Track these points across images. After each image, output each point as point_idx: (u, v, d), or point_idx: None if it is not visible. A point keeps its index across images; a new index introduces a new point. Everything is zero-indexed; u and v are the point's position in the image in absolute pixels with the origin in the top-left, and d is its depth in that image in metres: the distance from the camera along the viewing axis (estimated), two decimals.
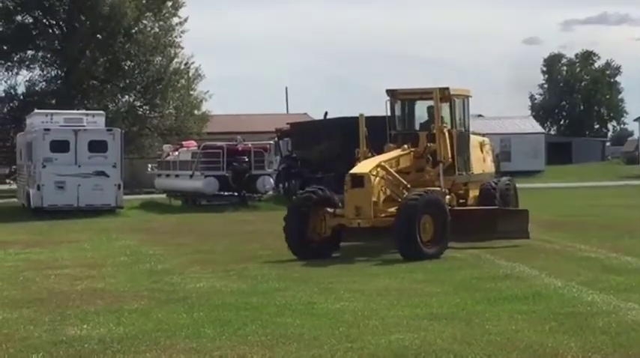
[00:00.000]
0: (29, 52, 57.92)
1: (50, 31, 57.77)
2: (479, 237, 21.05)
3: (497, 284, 15.11)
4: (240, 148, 40.80)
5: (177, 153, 44.36)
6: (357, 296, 14.25)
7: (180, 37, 57.80)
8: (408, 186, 20.40)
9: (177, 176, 42.86)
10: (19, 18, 57.49)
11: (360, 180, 19.66)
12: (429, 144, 21.57)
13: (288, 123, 48.32)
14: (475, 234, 21.04)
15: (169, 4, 57.34)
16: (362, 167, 20.29)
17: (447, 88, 22.18)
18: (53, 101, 52.82)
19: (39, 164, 35.62)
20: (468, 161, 23.05)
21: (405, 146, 21.72)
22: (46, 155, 35.59)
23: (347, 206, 19.70)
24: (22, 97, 56.83)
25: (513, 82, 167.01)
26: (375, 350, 10.41)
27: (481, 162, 24.23)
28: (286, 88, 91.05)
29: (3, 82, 57.41)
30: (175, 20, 57.77)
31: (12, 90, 57.51)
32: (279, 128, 47.99)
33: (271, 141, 44.47)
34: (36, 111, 41.07)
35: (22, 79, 57.81)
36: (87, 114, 39.88)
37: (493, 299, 13.60)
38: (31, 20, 57.83)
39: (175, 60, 57.72)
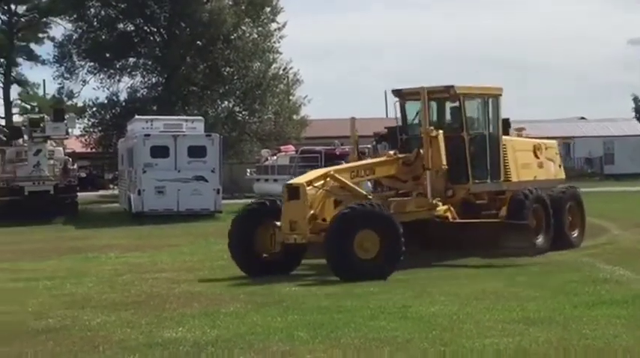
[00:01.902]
0: (131, 60, 58.82)
1: (151, 38, 58.61)
2: (482, 253, 19.35)
3: (597, 288, 14.83)
4: (337, 152, 40.78)
5: (275, 157, 44.59)
6: (453, 299, 14.12)
7: (279, 42, 58.14)
8: (369, 196, 18.72)
9: (275, 180, 43.01)
10: (121, 26, 58.56)
11: (295, 192, 17.76)
12: (420, 150, 19.69)
13: (385, 127, 48.15)
14: (477, 248, 19.47)
15: (268, 10, 57.65)
16: (301, 177, 18.65)
17: (452, 86, 20.44)
18: (154, 107, 53.51)
19: (139, 169, 36.19)
20: (497, 167, 21.06)
21: (391, 152, 20.29)
22: (147, 160, 36.13)
23: (283, 220, 17.79)
24: (123, 104, 57.65)
25: (617, 83, 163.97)
26: (468, 354, 10.29)
27: (534, 168, 22.37)
28: (385, 92, 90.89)
29: (105, 89, 58.46)
30: (274, 26, 58.12)
31: (114, 97, 58.50)
32: (376, 132, 47.83)
33: (369, 145, 44.35)
34: (136, 117, 41.72)
35: (123, 85, 58.82)
36: (186, 120, 40.41)
37: (591, 303, 13.34)
38: (132, 28, 58.79)
39: (274, 65, 58.01)
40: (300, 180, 18.28)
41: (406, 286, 15.81)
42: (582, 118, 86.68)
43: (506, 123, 23.69)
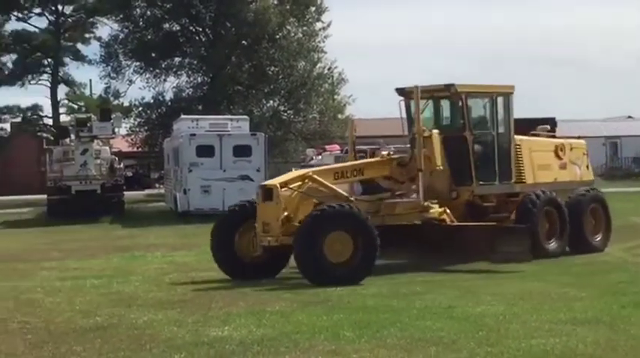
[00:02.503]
0: (176, 59, 59.12)
1: (196, 38, 58.87)
2: (477, 258, 18.57)
3: None
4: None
5: (320, 157, 44.56)
6: (499, 299, 14.07)
7: (324, 41, 58.16)
8: (352, 198, 18.13)
9: None
10: (166, 26, 58.88)
11: (269, 193, 17.43)
12: (414, 151, 19.01)
13: None
14: (472, 253, 18.64)
15: (313, 9, 57.72)
16: (277, 178, 18.28)
17: (452, 85, 19.83)
18: (200, 107, 53.74)
19: (185, 168, 36.35)
20: (507, 168, 20.37)
21: (384, 152, 19.84)
22: (192, 159, 36.29)
23: (257, 221, 17.56)
24: (169, 103, 57.91)
25: None
26: (515, 354, 10.24)
27: (554, 169, 21.49)
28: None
29: (151, 88, 58.79)
30: (319, 25, 58.15)
31: (160, 97, 58.76)
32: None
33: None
34: (182, 116, 41.91)
35: (169, 85, 59.10)
36: (231, 119, 40.47)
37: (639, 304, 13.24)
38: (178, 28, 59.11)
39: (319, 64, 58.03)
40: (275, 181, 17.96)
41: (450, 286, 15.79)
42: (630, 117, 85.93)
43: (552, 122, 23.45)
